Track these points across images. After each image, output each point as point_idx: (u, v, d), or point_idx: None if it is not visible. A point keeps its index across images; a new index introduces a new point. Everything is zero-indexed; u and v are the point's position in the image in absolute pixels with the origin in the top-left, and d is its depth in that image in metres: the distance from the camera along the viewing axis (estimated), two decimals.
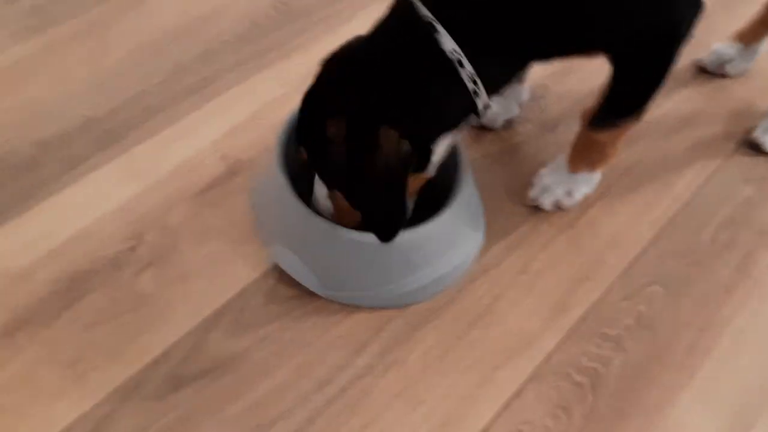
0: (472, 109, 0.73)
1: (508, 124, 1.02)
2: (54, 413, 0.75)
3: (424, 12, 0.68)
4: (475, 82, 0.70)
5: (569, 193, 0.90)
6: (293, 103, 1.05)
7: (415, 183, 0.77)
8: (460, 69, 0.69)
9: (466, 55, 0.68)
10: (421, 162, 0.74)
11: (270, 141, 1.03)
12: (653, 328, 0.80)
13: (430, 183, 0.83)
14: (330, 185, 0.79)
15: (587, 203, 0.92)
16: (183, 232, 0.91)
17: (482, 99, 0.72)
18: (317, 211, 0.81)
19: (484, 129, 1.02)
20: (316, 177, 0.80)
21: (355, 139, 0.70)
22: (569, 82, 1.07)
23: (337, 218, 0.80)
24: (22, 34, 1.22)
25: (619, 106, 0.81)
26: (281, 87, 1.11)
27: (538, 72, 1.03)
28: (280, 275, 0.85)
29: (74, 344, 0.80)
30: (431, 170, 0.77)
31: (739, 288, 0.82)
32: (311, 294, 0.83)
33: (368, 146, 0.69)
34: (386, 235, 0.74)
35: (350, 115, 0.70)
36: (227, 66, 1.15)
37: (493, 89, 0.74)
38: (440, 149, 0.76)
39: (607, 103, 0.80)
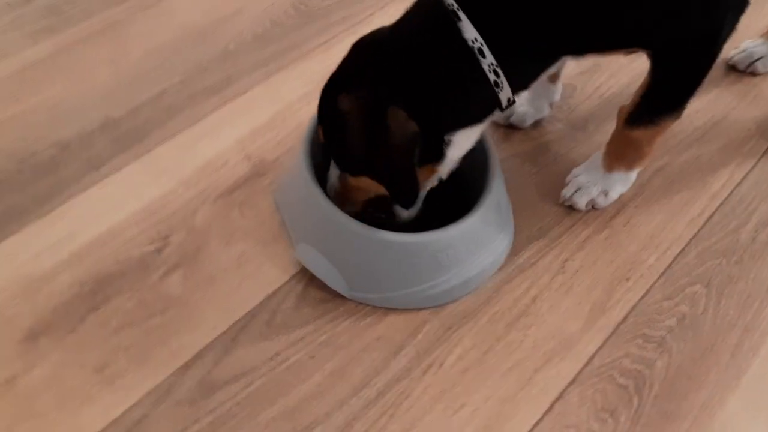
0: (494, 101, 0.71)
1: (535, 124, 1.01)
2: (83, 419, 0.73)
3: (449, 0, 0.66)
4: (497, 74, 0.68)
5: (605, 193, 0.88)
6: (316, 103, 1.04)
7: (426, 173, 0.75)
8: (480, 59, 0.67)
9: (489, 45, 0.67)
10: (435, 152, 0.72)
11: (294, 141, 1.01)
12: (696, 328, 0.78)
13: (460, 182, 0.82)
14: (340, 164, 0.77)
15: (621, 202, 0.90)
16: (210, 233, 0.89)
17: (505, 92, 0.70)
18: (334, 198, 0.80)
19: (512, 128, 1.00)
20: (332, 160, 0.79)
21: (365, 115, 0.69)
22: (598, 79, 1.06)
23: (341, 200, 0.79)
24: (39, 34, 1.21)
25: (658, 103, 0.79)
26: (303, 87, 1.09)
27: (565, 70, 1.02)
28: (312, 277, 0.83)
29: (101, 348, 0.78)
30: (449, 164, 0.75)
31: None
32: (344, 296, 0.81)
33: (377, 123, 0.68)
34: (407, 202, 0.74)
35: (362, 92, 0.69)
36: (248, 66, 1.13)
37: (519, 83, 0.72)
38: (460, 142, 0.74)
39: (646, 100, 0.78)
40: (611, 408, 0.72)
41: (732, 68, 1.06)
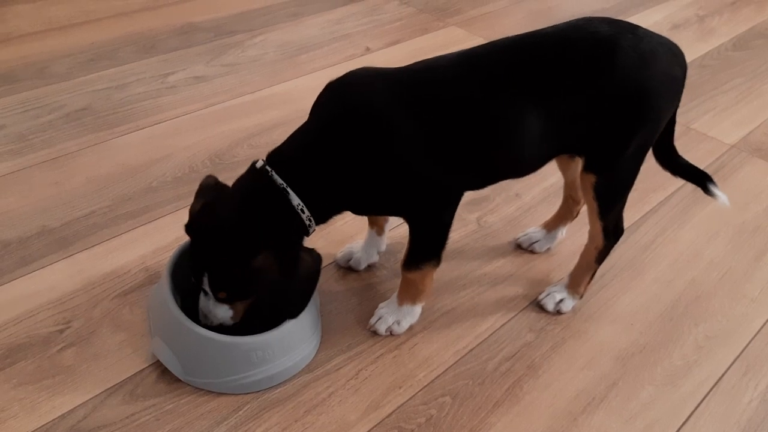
0: (307, 230, 1.09)
1: (369, 267, 1.36)
2: None
3: (279, 180, 1.04)
4: (310, 220, 1.07)
5: (398, 323, 1.22)
6: None
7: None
8: (302, 215, 1.06)
9: (306, 206, 1.06)
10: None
11: None
12: (437, 426, 1.09)
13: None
14: (241, 299, 1.09)
15: (413, 332, 1.24)
16: (103, 323, 1.19)
17: (313, 228, 1.09)
18: (204, 323, 1.10)
19: (350, 270, 1.35)
20: (210, 301, 1.10)
21: (284, 263, 1.05)
22: None
23: (238, 318, 1.10)
24: (4, 155, 1.55)
25: (418, 254, 1.16)
26: None
27: (399, 230, 1.39)
28: None
29: (2, 397, 1.05)
30: None
31: (505, 403, 1.13)
32: None
33: (295, 264, 1.06)
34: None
35: (274, 249, 1.04)
36: (164, 200, 1.48)
37: (322, 221, 1.11)
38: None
39: (410, 251, 1.16)
40: None
41: (518, 246, 1.45)
